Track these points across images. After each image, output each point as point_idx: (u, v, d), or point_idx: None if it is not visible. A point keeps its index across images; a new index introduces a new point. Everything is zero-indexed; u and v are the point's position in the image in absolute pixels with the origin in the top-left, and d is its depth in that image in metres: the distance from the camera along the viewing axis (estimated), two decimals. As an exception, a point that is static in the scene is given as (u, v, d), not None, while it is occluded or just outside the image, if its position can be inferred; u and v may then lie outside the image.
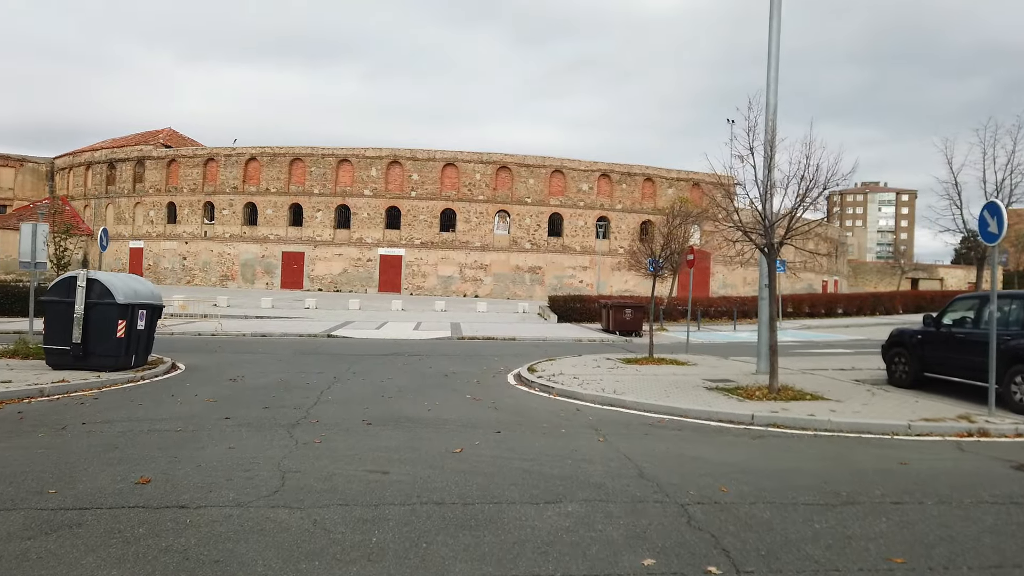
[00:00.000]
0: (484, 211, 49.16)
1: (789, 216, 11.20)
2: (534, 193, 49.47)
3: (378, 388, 12.47)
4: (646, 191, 51.60)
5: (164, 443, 7.81)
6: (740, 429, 9.42)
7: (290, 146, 49.93)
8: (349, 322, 29.06)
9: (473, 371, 15.29)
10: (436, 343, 22.61)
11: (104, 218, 55.41)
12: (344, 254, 49.36)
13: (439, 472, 6.78)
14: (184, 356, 16.69)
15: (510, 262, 49.43)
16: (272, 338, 22.84)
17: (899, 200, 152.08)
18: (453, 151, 49.46)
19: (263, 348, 19.43)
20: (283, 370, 14.75)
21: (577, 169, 50.10)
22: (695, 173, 52.85)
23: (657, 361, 16.38)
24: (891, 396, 11.72)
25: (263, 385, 12.51)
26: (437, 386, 12.94)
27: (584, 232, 50.07)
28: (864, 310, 37.95)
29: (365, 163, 49.31)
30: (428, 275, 49.06)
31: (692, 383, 12.99)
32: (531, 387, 13.01)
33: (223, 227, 50.66)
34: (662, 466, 7.17)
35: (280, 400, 10.90)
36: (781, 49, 14.51)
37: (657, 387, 12.43)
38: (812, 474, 7.01)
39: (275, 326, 26.40)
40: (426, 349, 20.22)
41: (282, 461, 7.08)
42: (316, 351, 18.92)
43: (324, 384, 12.74)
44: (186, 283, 51.14)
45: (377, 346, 20.69)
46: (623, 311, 26.84)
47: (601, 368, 15.20)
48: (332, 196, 49.36)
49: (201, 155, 51.70)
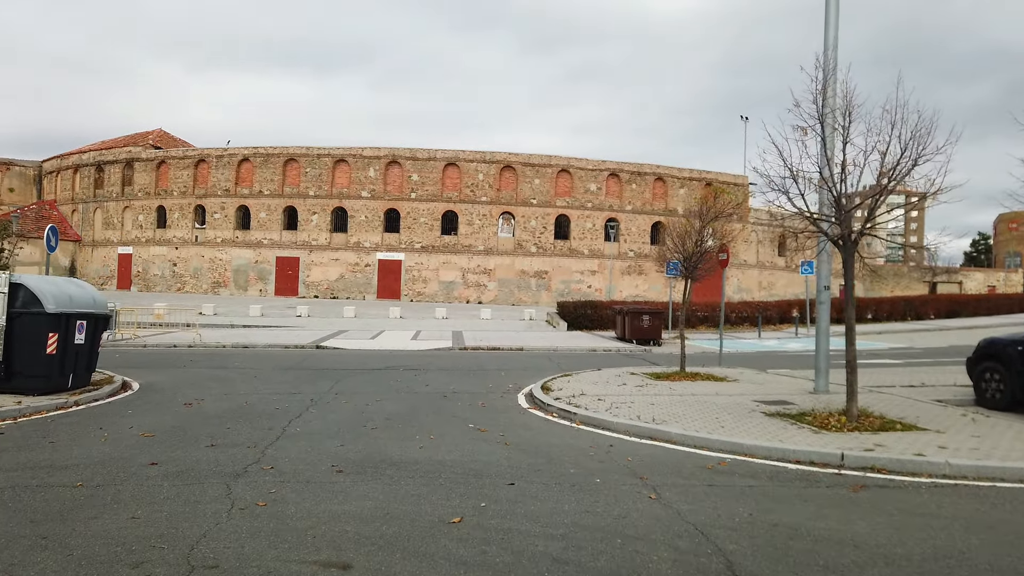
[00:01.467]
0: (487, 213, 46.92)
1: (874, 199, 8.88)
2: (540, 194, 47.22)
3: (361, 415, 10.21)
4: (657, 191, 49.33)
5: (45, 509, 5.58)
6: (830, 475, 7.13)
7: (284, 146, 47.78)
8: (342, 331, 26.83)
9: (477, 390, 13.04)
10: (435, 355, 20.35)
11: (92, 223, 53.31)
12: (341, 259, 47.13)
13: (426, 566, 4.52)
14: (144, 373, 14.46)
15: (515, 266, 47.15)
16: (255, 350, 20.61)
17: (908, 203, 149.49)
18: (454, 150, 47.19)
19: (240, 362, 17.19)
20: (254, 390, 12.52)
21: (585, 169, 47.84)
22: (707, 172, 50.66)
23: (691, 376, 14.08)
24: (998, 424, 9.40)
25: (222, 412, 10.26)
26: (434, 411, 10.68)
27: (592, 235, 47.79)
28: (895, 315, 35.51)
29: (363, 163, 47.12)
30: (429, 280, 46.80)
31: (743, 406, 10.70)
32: (548, 411, 10.74)
33: (214, 231, 48.48)
34: (757, 551, 4.89)
35: (235, 434, 8.65)
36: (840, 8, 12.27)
37: (702, 412, 10.15)
38: (990, 566, 4.70)
39: (261, 336, 24.17)
40: (424, 362, 17.96)
41: (198, 544, 4.84)
42: (299, 365, 16.67)
43: (297, 409, 10.50)
44: (176, 290, 48.97)
45: (369, 359, 18.44)
46: (640, 318, 24.54)
47: (628, 386, 12.92)
48: (328, 198, 47.17)
49: (192, 156, 49.52)
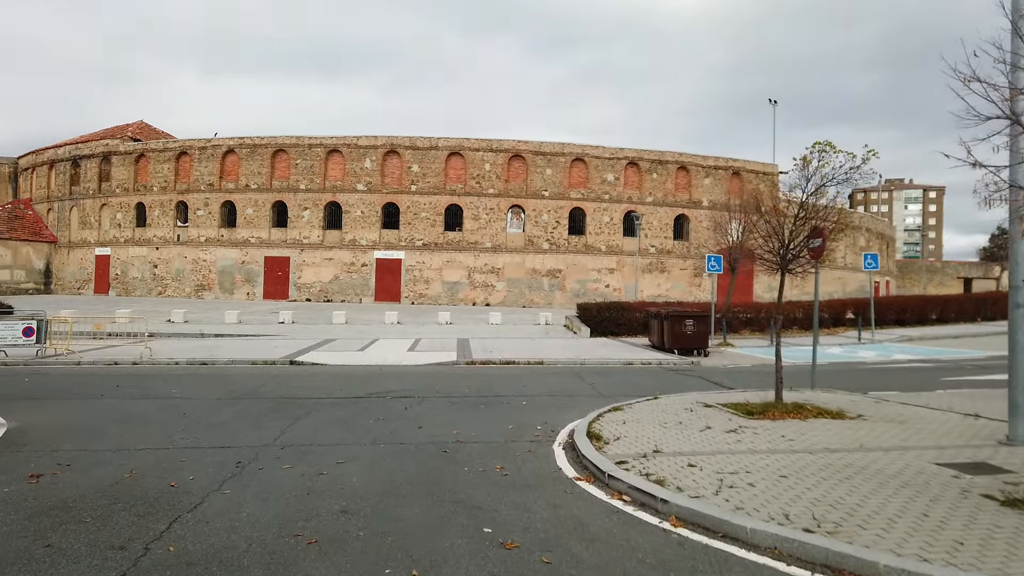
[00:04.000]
0: (495, 206, 42.79)
1: None
2: (552, 185, 43.06)
3: (302, 500, 6.12)
4: (680, 181, 45.11)
5: None
6: None
7: (272, 136, 43.73)
8: (329, 340, 22.77)
9: (492, 436, 8.95)
10: (436, 372, 16.23)
11: (68, 223, 49.36)
12: (335, 258, 43.05)
13: None
14: (31, 408, 10.42)
15: (526, 265, 43.01)
16: (212, 368, 16.56)
17: (926, 197, 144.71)
18: (458, 138, 42.99)
19: (183, 388, 13.11)
20: (167, 440, 8.46)
21: (601, 157, 43.66)
22: (735, 161, 46.45)
23: (797, 412, 9.84)
24: None
25: (78, 495, 6.20)
26: (425, 488, 6.58)
27: (610, 229, 43.60)
28: (964, 316, 31.12)
29: (358, 154, 43.03)
30: (431, 281, 42.68)
31: (928, 476, 6.56)
32: (611, 489, 6.63)
33: (198, 230, 44.46)
34: None
35: (52, 561, 4.55)
36: None
37: (879, 495, 6.01)
38: None
39: (228, 349, 20.12)
40: (420, 384, 13.83)
41: None
42: (256, 392, 12.58)
43: (203, 488, 6.43)
44: (157, 294, 44.98)
45: (351, 380, 14.33)
46: (683, 323, 20.35)
47: (715, 431, 8.77)
48: (321, 192, 43.10)
49: (172, 149, 45.46)
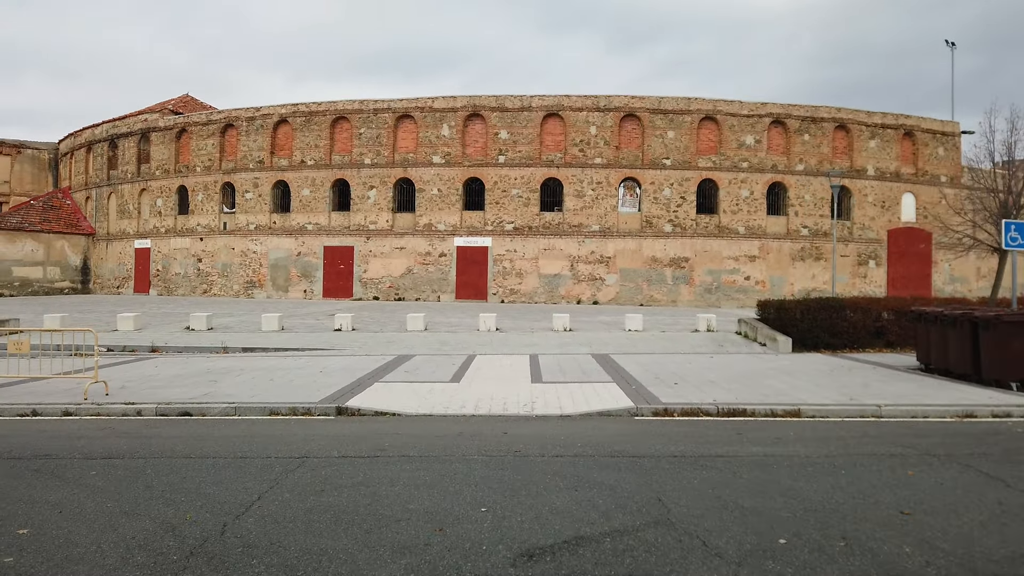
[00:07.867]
0: (603, 180, 34.24)
1: None
2: (675, 152, 34.20)
3: None
4: (838, 144, 35.50)
5: None
6: None
7: (331, 101, 36.36)
8: (403, 358, 14.83)
9: None
10: (610, 447, 7.82)
11: (106, 212, 43.41)
12: (408, 247, 35.37)
13: None
14: None
15: (643, 252, 34.29)
16: (191, 425, 8.72)
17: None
18: (556, 95, 34.64)
19: (66, 504, 5.15)
20: None
21: (738, 115, 34.49)
22: (907, 117, 36.49)
23: None
24: None
25: None
26: None
27: (750, 206, 34.43)
28: None
29: (433, 119, 35.19)
30: (526, 274, 34.48)
31: None
32: None
33: (246, 216, 37.55)
34: None
35: None
36: None
37: None
38: None
39: (240, 380, 12.38)
40: (601, 505, 5.48)
41: None
42: (224, 541, 4.47)
43: None
44: (202, 293, 38.33)
45: (449, 474, 6.10)
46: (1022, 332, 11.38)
47: None
48: (389, 167, 35.49)
49: (217, 121, 38.69)
